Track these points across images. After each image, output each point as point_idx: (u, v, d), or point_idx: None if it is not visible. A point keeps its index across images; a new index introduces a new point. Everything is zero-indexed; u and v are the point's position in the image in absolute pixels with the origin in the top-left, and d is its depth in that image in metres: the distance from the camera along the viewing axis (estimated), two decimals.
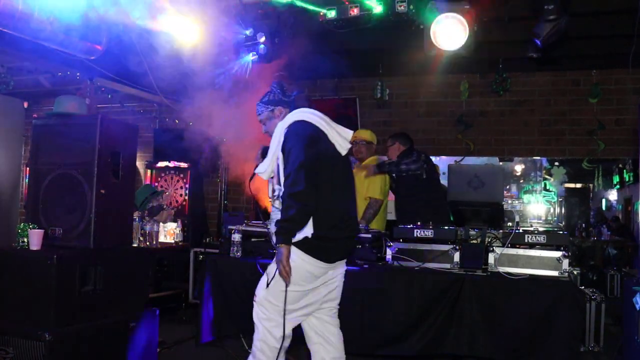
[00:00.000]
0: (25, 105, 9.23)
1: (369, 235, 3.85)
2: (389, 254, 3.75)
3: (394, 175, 5.25)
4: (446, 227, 3.82)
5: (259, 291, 3.29)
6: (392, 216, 5.73)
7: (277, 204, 3.26)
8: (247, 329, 3.90)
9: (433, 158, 5.50)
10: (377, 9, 4.78)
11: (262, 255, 3.94)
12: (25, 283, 3.80)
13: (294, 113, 3.46)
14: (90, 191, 3.86)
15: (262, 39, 5.38)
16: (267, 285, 3.20)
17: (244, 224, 4.14)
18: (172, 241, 5.84)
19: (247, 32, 5.35)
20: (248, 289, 3.81)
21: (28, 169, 5.01)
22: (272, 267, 3.19)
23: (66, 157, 3.99)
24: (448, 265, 3.61)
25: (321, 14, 4.89)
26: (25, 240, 3.91)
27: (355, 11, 4.83)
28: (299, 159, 3.18)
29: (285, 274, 3.03)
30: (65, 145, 4.00)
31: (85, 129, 3.92)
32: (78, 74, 6.82)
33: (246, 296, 3.81)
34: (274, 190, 3.35)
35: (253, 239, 4.10)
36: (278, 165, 3.27)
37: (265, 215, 4.68)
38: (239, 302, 3.84)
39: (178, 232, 5.93)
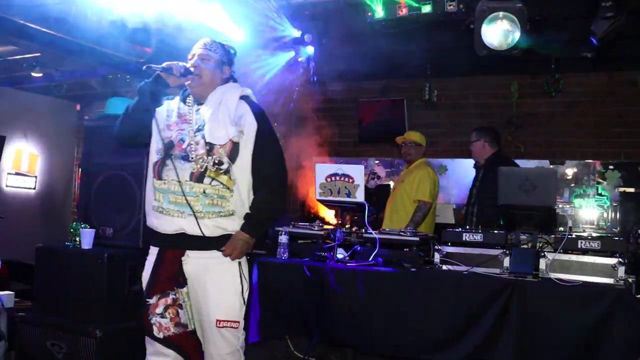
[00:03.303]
0: (78, 107, 9.50)
1: (417, 238, 3.79)
2: (437, 257, 3.68)
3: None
4: (496, 231, 3.74)
5: (234, 314, 3.00)
6: (440, 219, 5.66)
7: (224, 179, 2.94)
8: (294, 330, 3.89)
9: None
10: (426, 8, 4.71)
11: (309, 257, 3.92)
12: (77, 281, 3.90)
13: (248, 90, 3.18)
14: (139, 191, 3.93)
15: (310, 40, 5.38)
16: (244, 302, 3.05)
17: (291, 226, 4.13)
18: None
19: (295, 33, 5.36)
20: (295, 290, 3.81)
21: (80, 169, 5.12)
22: (235, 279, 3.02)
23: (117, 158, 4.07)
24: (497, 270, 3.52)
25: (369, 14, 4.85)
26: (78, 239, 4.01)
27: (403, 11, 4.78)
28: (282, 153, 3.15)
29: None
30: (116, 146, 4.08)
31: None
32: (128, 76, 6.95)
33: (293, 298, 3.81)
34: (219, 162, 2.95)
35: (300, 241, 4.09)
36: (234, 137, 2.99)
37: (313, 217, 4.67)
38: (286, 303, 3.84)
39: None
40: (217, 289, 2.96)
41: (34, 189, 8.89)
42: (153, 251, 3.06)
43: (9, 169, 8.49)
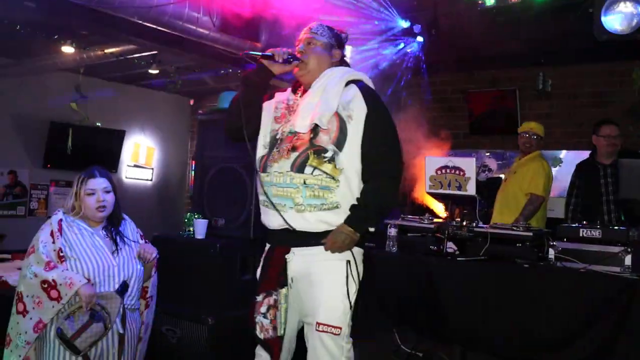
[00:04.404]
0: (191, 102, 9.90)
1: (531, 233, 3.65)
2: (551, 253, 3.52)
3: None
4: (616, 227, 3.53)
5: (336, 319, 2.71)
6: (553, 214, 5.41)
7: (328, 167, 2.68)
8: (401, 324, 3.87)
9: None
10: None
11: (418, 251, 3.87)
12: (191, 270, 4.05)
13: (360, 74, 2.91)
14: (251, 184, 4.02)
15: (418, 31, 5.31)
16: (351, 306, 2.75)
17: (400, 219, 4.10)
18: None
19: (404, 24, 5.30)
20: (403, 284, 3.77)
21: (194, 162, 5.33)
22: (341, 279, 2.74)
23: (229, 151, 4.18)
24: (618, 269, 3.31)
25: (479, 2, 4.72)
26: (191, 229, 4.16)
27: None
28: (396, 139, 2.90)
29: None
30: (228, 139, 4.20)
31: None
32: (239, 71, 7.14)
33: (401, 292, 3.78)
34: (323, 150, 2.71)
35: (409, 234, 4.04)
36: (342, 122, 2.72)
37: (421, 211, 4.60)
38: (394, 297, 3.81)
39: None
40: (320, 289, 2.72)
41: (151, 180, 9.36)
42: (267, 247, 2.91)
43: (128, 162, 8.98)
